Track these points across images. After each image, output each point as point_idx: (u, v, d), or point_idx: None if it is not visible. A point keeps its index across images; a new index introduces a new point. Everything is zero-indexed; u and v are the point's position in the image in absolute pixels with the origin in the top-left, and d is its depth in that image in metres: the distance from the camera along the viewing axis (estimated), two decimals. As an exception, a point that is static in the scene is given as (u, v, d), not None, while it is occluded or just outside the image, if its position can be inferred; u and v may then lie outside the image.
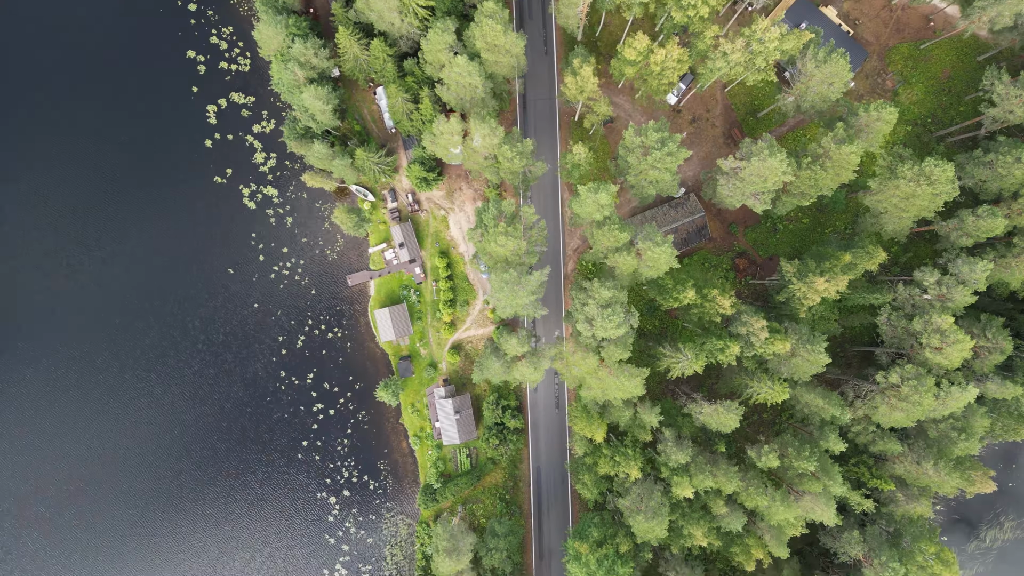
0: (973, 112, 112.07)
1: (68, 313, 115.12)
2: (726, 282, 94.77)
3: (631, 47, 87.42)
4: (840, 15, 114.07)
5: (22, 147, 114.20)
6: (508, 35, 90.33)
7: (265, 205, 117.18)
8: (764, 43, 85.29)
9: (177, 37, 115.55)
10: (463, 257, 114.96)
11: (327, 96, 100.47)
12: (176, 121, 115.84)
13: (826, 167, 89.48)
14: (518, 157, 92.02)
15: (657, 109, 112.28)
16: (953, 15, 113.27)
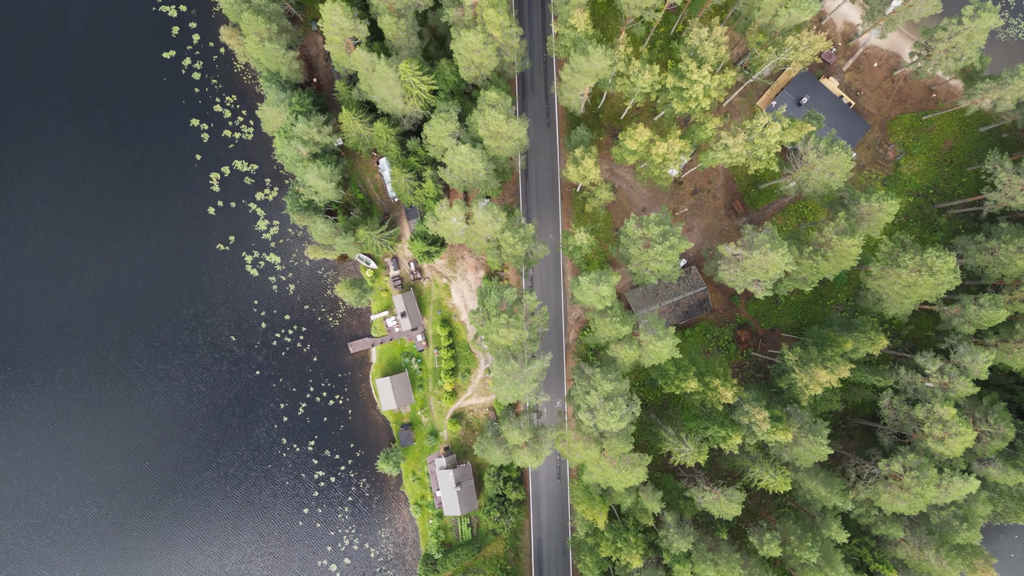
0: (975, 183, 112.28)
1: (71, 389, 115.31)
2: (728, 368, 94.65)
3: (632, 138, 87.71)
4: (842, 86, 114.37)
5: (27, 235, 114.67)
6: (511, 122, 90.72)
7: (268, 272, 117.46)
8: (765, 136, 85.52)
9: (181, 105, 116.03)
10: (465, 325, 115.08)
11: (330, 174, 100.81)
12: (180, 189, 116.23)
13: (827, 257, 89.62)
14: (520, 243, 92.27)
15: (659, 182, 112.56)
16: (956, 86, 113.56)
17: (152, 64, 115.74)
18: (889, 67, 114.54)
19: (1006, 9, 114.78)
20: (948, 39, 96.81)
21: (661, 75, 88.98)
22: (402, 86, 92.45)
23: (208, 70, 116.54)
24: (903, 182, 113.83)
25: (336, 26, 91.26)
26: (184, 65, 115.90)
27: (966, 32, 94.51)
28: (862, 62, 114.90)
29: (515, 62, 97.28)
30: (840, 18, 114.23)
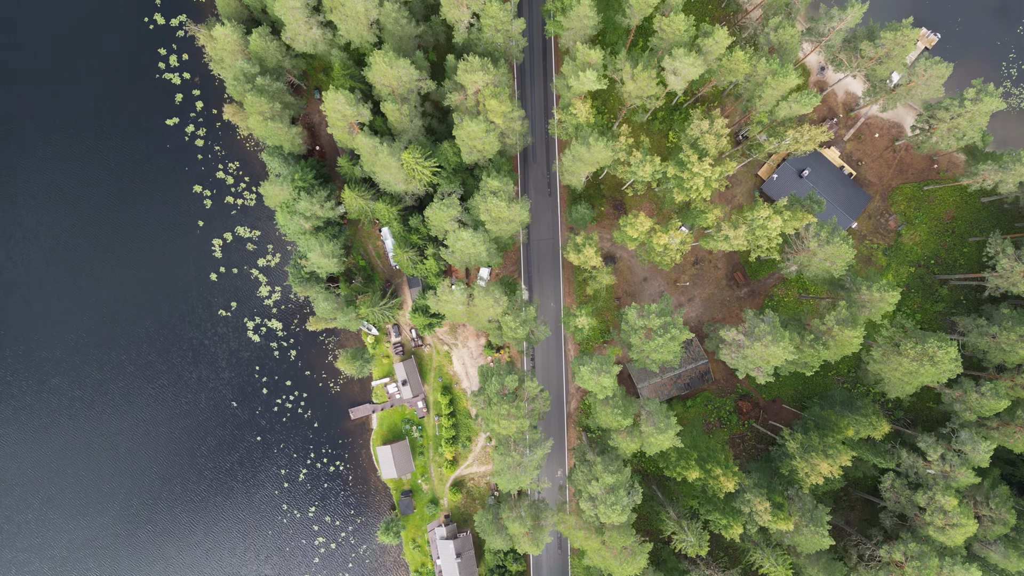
0: (977, 254, 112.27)
1: (76, 452, 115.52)
2: (729, 454, 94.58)
3: (633, 227, 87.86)
4: (843, 156, 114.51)
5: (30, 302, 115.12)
6: (512, 207, 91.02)
7: (269, 338, 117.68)
8: (766, 228, 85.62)
9: (184, 172, 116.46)
10: (465, 393, 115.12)
11: (332, 251, 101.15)
12: (182, 255, 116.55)
13: (828, 345, 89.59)
14: (521, 326, 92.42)
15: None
16: (958, 157, 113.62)
17: (156, 131, 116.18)
18: (890, 137, 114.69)
19: (1008, 79, 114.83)
20: (950, 119, 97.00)
21: (662, 164, 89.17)
22: (405, 170, 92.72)
23: (211, 137, 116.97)
24: (904, 252, 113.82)
25: (339, 113, 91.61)
26: (187, 132, 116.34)
27: (968, 115, 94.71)
28: (863, 132, 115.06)
29: (516, 143, 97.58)
30: (841, 88, 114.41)
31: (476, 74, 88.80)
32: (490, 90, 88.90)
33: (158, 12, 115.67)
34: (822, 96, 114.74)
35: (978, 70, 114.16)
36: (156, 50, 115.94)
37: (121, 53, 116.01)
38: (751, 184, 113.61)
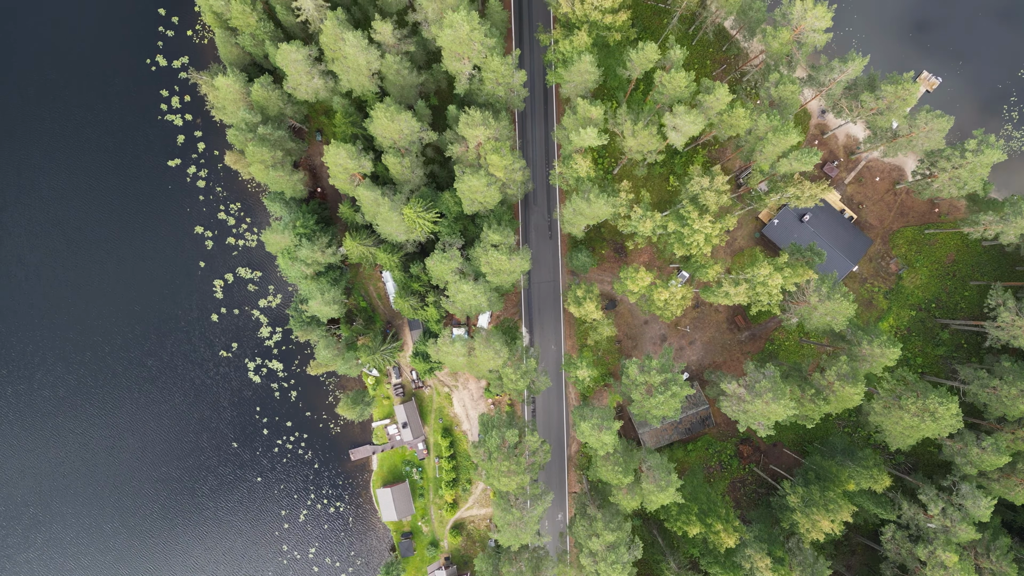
0: (978, 298, 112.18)
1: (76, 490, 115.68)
2: (730, 508, 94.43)
3: (633, 281, 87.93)
4: (844, 199, 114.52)
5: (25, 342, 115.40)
6: (513, 260, 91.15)
7: (270, 379, 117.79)
8: (767, 286, 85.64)
9: (185, 213, 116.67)
10: (466, 435, 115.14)
11: (333, 298, 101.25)
12: (184, 296, 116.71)
13: (829, 400, 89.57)
14: (522, 379, 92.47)
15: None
16: (959, 201, 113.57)
17: (158, 172, 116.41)
18: (891, 180, 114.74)
19: (1009, 122, 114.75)
20: (951, 168, 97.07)
21: (663, 219, 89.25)
22: (406, 223, 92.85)
23: (213, 178, 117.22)
24: (905, 295, 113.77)
25: (340, 166, 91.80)
26: (189, 173, 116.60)
27: (969, 166, 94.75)
28: (864, 175, 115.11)
29: (518, 191, 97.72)
30: (842, 131, 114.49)
31: (477, 129, 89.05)
32: (491, 144, 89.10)
33: (160, 54, 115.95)
34: (824, 138, 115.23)
35: (979, 114, 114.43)
36: (158, 92, 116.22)
37: (123, 94, 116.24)
38: (751, 227, 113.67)
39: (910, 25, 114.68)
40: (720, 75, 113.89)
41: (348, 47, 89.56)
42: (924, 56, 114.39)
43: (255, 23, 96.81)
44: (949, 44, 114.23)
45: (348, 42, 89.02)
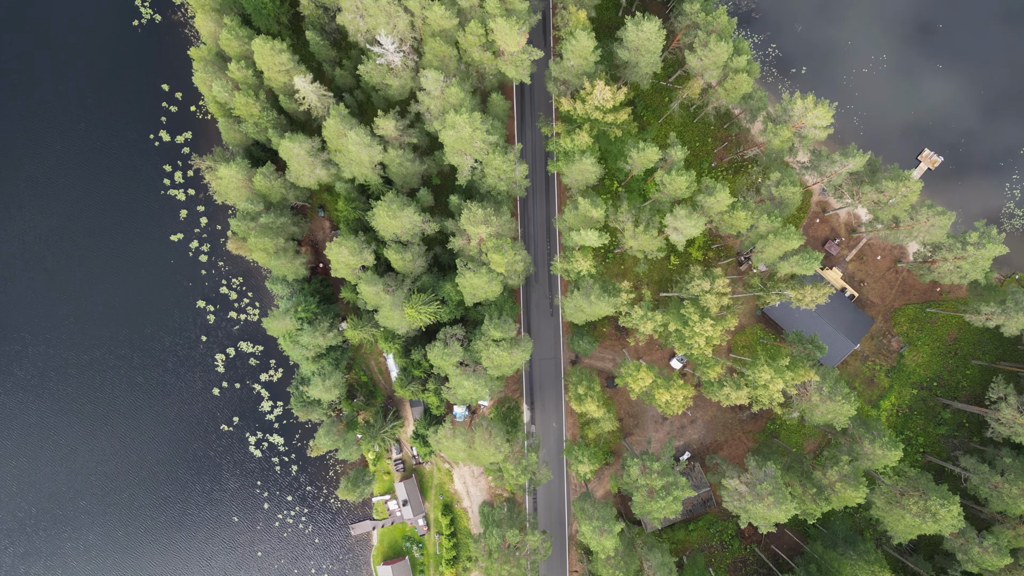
0: (979, 377, 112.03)
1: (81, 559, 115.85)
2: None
3: (634, 380, 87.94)
4: (845, 276, 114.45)
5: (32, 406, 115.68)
6: (515, 353, 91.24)
7: (271, 453, 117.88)
8: (768, 389, 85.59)
9: (187, 287, 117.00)
10: (467, 512, 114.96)
11: (334, 382, 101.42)
12: (185, 370, 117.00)
13: (831, 500, 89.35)
14: (522, 473, 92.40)
15: (661, 369, 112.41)
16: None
17: (160, 246, 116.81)
18: (893, 258, 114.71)
19: (1011, 199, 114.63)
20: (953, 259, 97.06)
21: (664, 317, 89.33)
22: (407, 319, 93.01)
23: (215, 252, 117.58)
24: (907, 373, 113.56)
25: (343, 262, 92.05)
26: (191, 248, 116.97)
27: (971, 258, 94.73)
28: (865, 252, 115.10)
29: (519, 280, 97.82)
30: (844, 208, 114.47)
31: (479, 227, 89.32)
32: (493, 242, 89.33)
33: (164, 129, 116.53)
34: (825, 215, 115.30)
35: (981, 191, 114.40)
36: (161, 167, 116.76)
37: (126, 169, 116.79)
38: (753, 304, 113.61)
39: (913, 102, 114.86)
40: (721, 152, 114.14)
41: (351, 144, 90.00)
42: (927, 131, 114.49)
43: (258, 112, 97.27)
44: (952, 121, 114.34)
45: (351, 139, 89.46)
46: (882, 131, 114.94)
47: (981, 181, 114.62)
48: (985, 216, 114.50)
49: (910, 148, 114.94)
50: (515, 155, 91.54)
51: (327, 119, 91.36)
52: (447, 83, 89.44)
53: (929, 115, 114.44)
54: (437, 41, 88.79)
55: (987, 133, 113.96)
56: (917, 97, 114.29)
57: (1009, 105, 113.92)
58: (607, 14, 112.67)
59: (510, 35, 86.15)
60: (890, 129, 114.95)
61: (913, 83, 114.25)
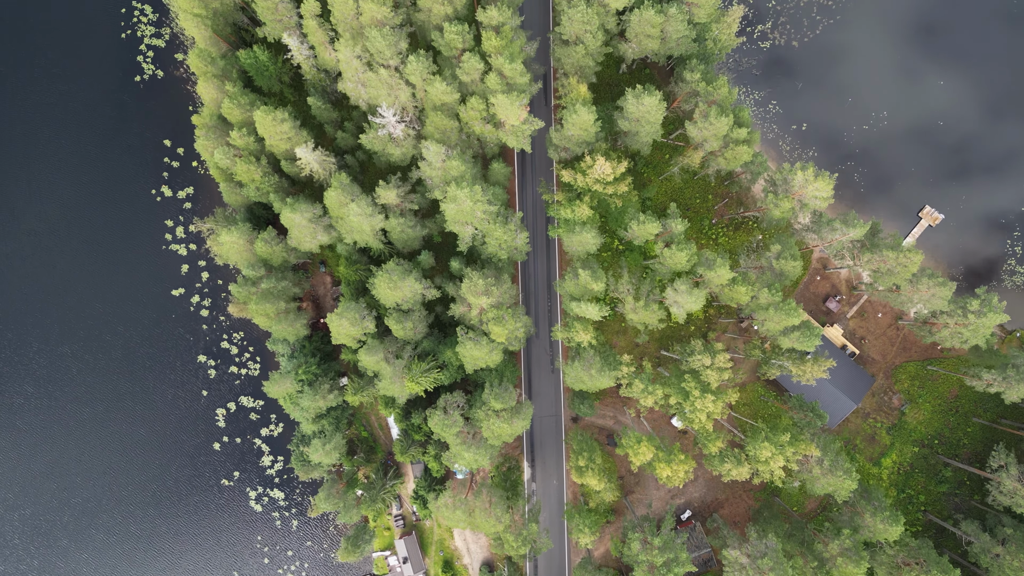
0: (981, 435, 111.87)
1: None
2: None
3: (635, 454, 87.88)
4: (846, 333, 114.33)
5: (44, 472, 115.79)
6: (515, 422, 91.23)
7: (271, 507, 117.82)
8: (769, 465, 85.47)
9: (188, 342, 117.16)
10: (467, 569, 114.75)
11: (335, 445, 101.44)
12: (188, 424, 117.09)
13: (831, 573, 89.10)
14: (522, 544, 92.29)
15: (662, 428, 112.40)
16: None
17: (162, 300, 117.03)
18: (894, 316, 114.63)
19: (1012, 256, 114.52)
20: (953, 324, 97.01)
21: (664, 390, 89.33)
22: (407, 389, 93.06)
23: (216, 307, 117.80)
24: (908, 431, 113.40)
25: (344, 332, 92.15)
26: (193, 302, 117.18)
27: (971, 326, 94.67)
28: (866, 309, 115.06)
29: (519, 344, 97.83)
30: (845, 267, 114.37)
31: (480, 298, 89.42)
32: (493, 313, 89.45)
33: (165, 184, 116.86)
34: (826, 272, 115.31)
35: (982, 248, 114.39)
36: (163, 221, 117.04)
37: (129, 224, 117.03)
38: (755, 362, 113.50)
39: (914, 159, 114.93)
40: (722, 209, 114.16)
41: (352, 215, 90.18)
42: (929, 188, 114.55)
43: (260, 178, 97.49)
44: (953, 179, 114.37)
45: (352, 211, 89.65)
46: (883, 186, 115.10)
47: (982, 238, 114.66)
48: (986, 271, 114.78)
49: (911, 204, 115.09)
50: (516, 223, 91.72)
51: (328, 187, 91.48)
52: (448, 155, 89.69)
53: (930, 171, 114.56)
54: (438, 115, 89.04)
55: (988, 190, 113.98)
56: (918, 154, 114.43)
57: (1010, 163, 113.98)
58: (608, 71, 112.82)
59: (511, 110, 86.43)
60: (891, 185, 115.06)
61: (915, 140, 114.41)
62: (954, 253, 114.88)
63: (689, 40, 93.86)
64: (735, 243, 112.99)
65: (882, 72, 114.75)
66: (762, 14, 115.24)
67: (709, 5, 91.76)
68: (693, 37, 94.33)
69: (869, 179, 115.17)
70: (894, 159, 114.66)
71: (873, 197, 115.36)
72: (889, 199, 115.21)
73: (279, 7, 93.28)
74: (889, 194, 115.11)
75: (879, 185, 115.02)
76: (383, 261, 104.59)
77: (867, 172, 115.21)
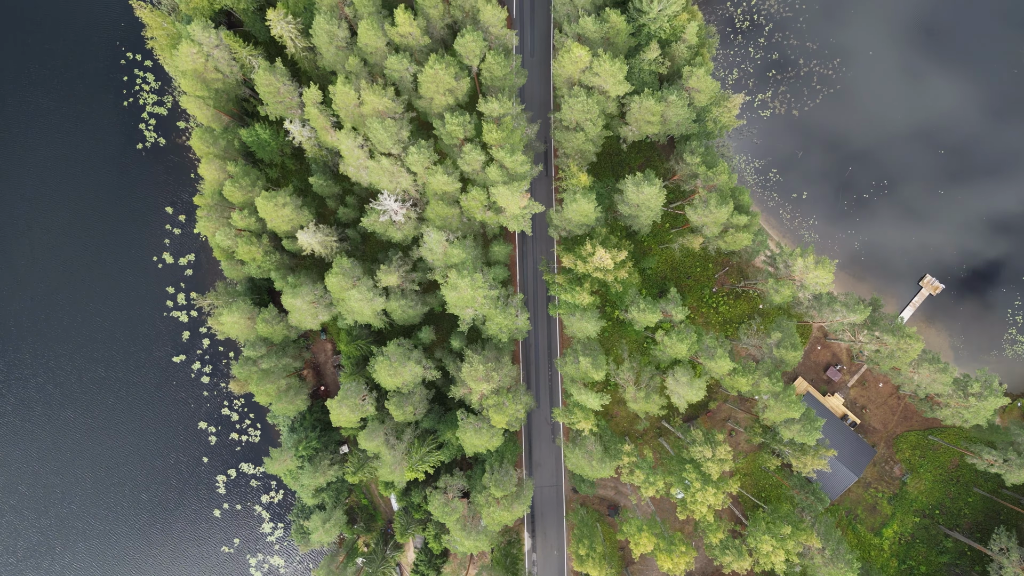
0: (982, 505, 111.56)
1: None
2: None
3: (636, 544, 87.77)
4: (847, 403, 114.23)
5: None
6: (516, 507, 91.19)
7: (271, 575, 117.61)
8: (770, 558, 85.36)
9: (189, 408, 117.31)
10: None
11: (335, 521, 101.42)
12: (189, 490, 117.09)
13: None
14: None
15: (664, 506, 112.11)
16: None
17: (163, 366, 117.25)
18: (894, 385, 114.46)
19: (1013, 326, 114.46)
20: (954, 404, 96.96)
21: (665, 481, 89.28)
22: (407, 475, 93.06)
23: (217, 374, 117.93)
24: (909, 501, 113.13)
25: (344, 418, 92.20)
26: (194, 369, 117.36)
27: (972, 408, 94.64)
28: (867, 378, 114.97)
29: (520, 425, 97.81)
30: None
31: (480, 384, 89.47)
32: (494, 400, 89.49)
33: (167, 251, 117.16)
34: (827, 341, 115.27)
35: (983, 317, 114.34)
36: (164, 288, 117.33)
37: (131, 289, 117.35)
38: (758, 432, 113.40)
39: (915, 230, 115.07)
40: (723, 277, 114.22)
41: (353, 301, 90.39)
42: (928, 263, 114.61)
43: (261, 257, 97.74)
44: (954, 247, 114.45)
45: (353, 297, 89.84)
46: (883, 256, 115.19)
47: (983, 307, 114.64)
48: (987, 341, 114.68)
49: (912, 273, 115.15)
50: (518, 305, 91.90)
51: (329, 273, 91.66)
52: (450, 240, 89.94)
53: (931, 241, 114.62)
54: (439, 204, 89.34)
55: (989, 260, 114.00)
56: (919, 224, 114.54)
57: (1010, 232, 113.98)
58: (609, 144, 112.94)
59: (512, 199, 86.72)
60: (892, 254, 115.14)
61: (916, 211, 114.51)
62: (954, 322, 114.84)
63: (689, 121, 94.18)
64: (735, 312, 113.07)
65: (881, 141, 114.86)
66: (763, 84, 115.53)
67: (710, 91, 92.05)
68: (693, 118, 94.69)
69: (870, 248, 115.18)
70: (895, 229, 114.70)
71: (873, 264, 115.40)
72: (890, 267, 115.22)
73: (281, 90, 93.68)
74: (890, 262, 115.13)
75: (880, 253, 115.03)
76: (384, 334, 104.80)
77: (867, 240, 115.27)
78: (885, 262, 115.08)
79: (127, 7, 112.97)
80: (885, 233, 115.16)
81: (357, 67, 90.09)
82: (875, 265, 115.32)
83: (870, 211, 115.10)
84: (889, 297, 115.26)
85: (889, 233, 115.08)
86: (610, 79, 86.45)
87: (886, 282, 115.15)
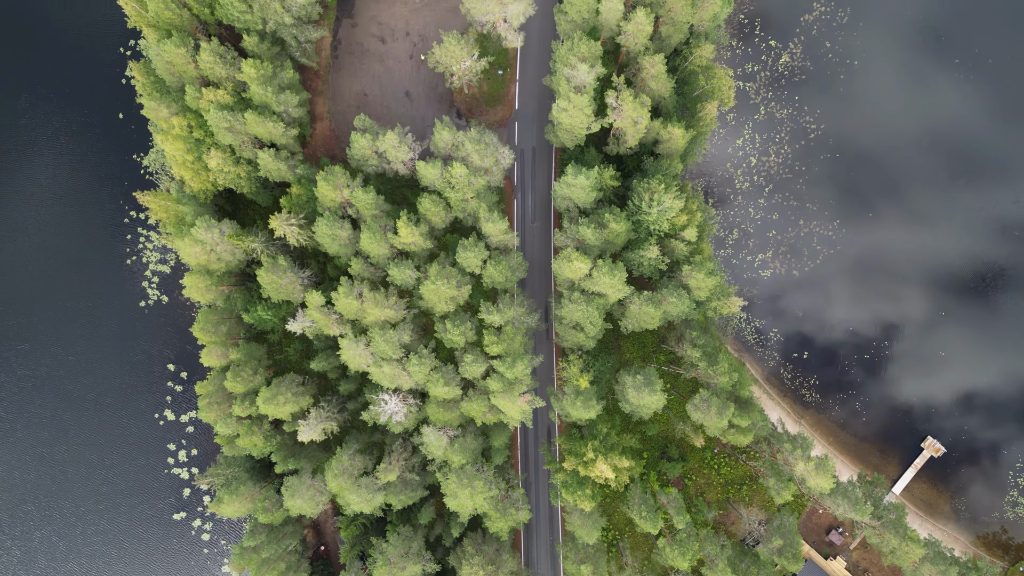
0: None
1: None
2: None
3: None
4: (849, 566, 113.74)
5: None
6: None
7: None
8: None
9: (190, 567, 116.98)
10: None
11: None
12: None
13: None
14: None
15: None
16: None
17: (163, 524, 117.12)
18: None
19: (1015, 487, 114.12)
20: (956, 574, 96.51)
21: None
22: None
23: (217, 531, 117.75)
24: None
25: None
26: (194, 527, 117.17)
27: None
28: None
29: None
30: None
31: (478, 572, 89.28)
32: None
33: (168, 408, 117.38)
34: (820, 512, 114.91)
35: (984, 480, 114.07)
36: (166, 445, 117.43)
37: (132, 444, 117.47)
38: None
39: (916, 390, 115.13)
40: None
41: (353, 504, 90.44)
42: (928, 424, 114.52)
43: (262, 443, 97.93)
44: (956, 410, 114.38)
45: (353, 501, 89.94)
46: (884, 417, 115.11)
47: (984, 469, 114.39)
48: (988, 504, 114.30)
49: (913, 435, 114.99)
50: (520, 500, 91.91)
51: (329, 470, 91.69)
52: (449, 443, 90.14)
53: (932, 402, 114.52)
54: (440, 409, 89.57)
55: (990, 425, 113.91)
56: (920, 388, 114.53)
57: (1006, 392, 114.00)
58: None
59: (512, 406, 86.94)
60: (892, 416, 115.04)
61: (914, 376, 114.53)
62: (956, 485, 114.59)
63: (690, 309, 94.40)
64: (737, 473, 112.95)
65: (871, 311, 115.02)
66: (762, 244, 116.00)
67: (708, 288, 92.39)
68: (693, 307, 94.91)
69: (871, 408, 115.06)
70: (897, 391, 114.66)
71: (874, 425, 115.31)
72: (890, 428, 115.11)
73: (283, 284, 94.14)
74: (890, 423, 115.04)
75: (880, 414, 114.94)
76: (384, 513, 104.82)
77: (868, 400, 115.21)
78: (887, 424, 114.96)
79: (135, 173, 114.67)
80: (885, 394, 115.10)
81: (360, 269, 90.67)
82: (876, 424, 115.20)
83: (870, 371, 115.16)
84: (891, 459, 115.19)
85: (889, 394, 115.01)
86: (610, 289, 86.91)
87: (887, 443, 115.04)
